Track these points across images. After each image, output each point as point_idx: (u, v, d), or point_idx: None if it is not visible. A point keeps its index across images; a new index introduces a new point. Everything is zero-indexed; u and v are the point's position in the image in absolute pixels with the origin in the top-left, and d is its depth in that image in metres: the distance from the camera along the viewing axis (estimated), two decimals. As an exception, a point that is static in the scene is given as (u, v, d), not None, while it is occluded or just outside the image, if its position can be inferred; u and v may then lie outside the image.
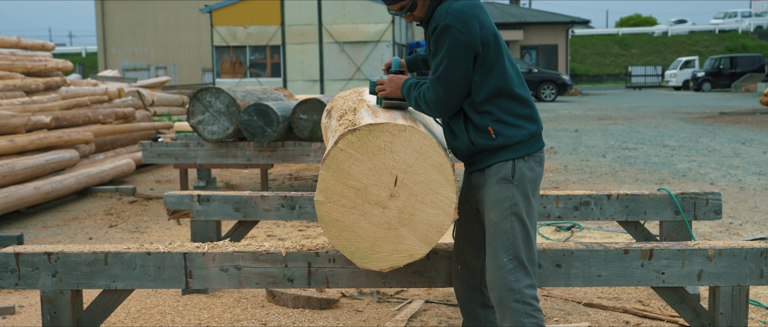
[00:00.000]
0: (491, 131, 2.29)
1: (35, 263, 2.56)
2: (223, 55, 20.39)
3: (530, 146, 2.33)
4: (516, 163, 2.29)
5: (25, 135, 6.53)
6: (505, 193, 2.28)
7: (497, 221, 2.29)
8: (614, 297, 3.65)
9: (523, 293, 2.26)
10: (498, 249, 2.28)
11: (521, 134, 2.30)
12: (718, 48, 41.20)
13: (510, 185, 2.29)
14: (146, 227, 5.58)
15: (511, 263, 2.27)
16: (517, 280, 2.26)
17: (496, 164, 2.31)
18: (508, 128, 2.30)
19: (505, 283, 2.26)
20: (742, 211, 5.76)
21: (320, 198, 2.25)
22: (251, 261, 2.57)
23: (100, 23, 28.47)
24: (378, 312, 3.45)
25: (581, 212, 3.45)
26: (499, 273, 2.27)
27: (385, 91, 2.49)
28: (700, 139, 11.32)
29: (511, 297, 2.26)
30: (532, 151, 2.32)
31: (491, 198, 2.31)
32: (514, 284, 2.26)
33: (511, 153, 2.29)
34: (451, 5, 2.29)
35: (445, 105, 2.32)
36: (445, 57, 2.26)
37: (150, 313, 3.48)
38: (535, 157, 2.33)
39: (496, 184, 2.30)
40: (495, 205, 2.29)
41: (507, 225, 2.28)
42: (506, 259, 2.27)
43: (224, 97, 5.88)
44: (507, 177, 2.29)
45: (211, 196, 3.56)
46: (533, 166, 2.32)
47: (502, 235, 2.28)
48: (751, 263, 2.54)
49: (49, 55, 8.93)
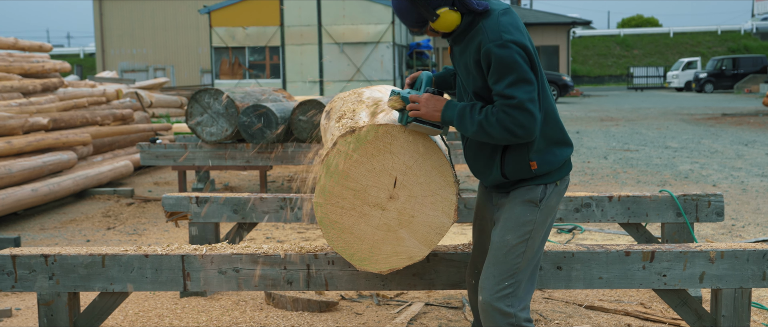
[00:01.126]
0: (533, 166, 2.14)
1: (32, 265, 2.55)
2: (222, 56, 20.37)
3: (564, 171, 2.23)
4: (547, 188, 2.18)
5: (22, 136, 6.51)
6: (528, 216, 2.17)
7: (513, 244, 2.17)
8: (616, 299, 3.63)
9: (518, 317, 2.18)
10: (503, 270, 2.17)
11: (559, 161, 2.18)
12: (720, 49, 41.11)
13: (535, 209, 2.17)
14: (144, 229, 5.55)
15: (511, 287, 2.18)
16: (512, 305, 2.18)
17: (526, 186, 2.19)
18: (549, 158, 2.16)
19: (500, 306, 2.17)
20: (744, 213, 5.74)
21: (319, 200, 2.23)
22: (250, 263, 2.55)
23: (98, 24, 28.46)
24: (378, 315, 3.43)
25: (582, 214, 3.43)
26: (495, 295, 2.17)
27: (420, 111, 2.18)
28: (703, 140, 11.31)
29: (505, 321, 2.17)
30: (564, 175, 2.22)
31: (513, 218, 2.18)
32: (510, 309, 2.17)
33: (544, 179, 2.18)
34: (500, 20, 2.09)
35: (531, 130, 2.04)
36: (511, 72, 2.02)
37: (148, 315, 3.46)
38: (564, 180, 2.24)
39: (521, 205, 2.18)
40: (515, 227, 2.17)
41: (520, 249, 2.17)
42: (507, 283, 2.18)
43: (223, 98, 5.85)
44: (534, 200, 2.17)
45: (209, 197, 3.54)
46: (561, 191, 2.23)
47: (513, 258, 2.17)
48: (754, 265, 2.52)
49: (46, 56, 8.90)
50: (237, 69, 20.46)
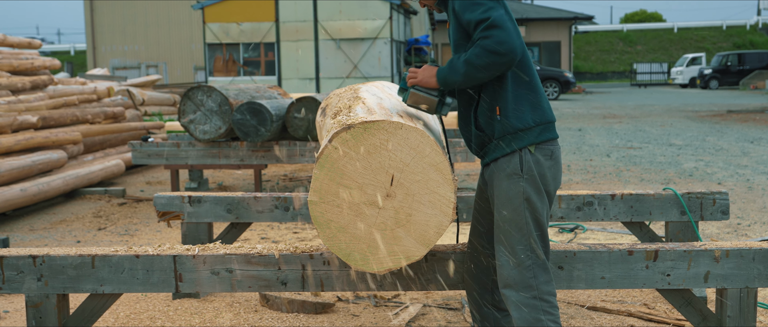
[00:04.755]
0: (497, 111, 2.20)
1: (20, 267, 2.50)
2: (215, 53, 20.26)
3: (540, 137, 2.23)
4: (522, 156, 2.21)
5: (10, 135, 6.42)
6: (516, 188, 2.20)
7: (511, 217, 2.20)
8: (618, 300, 3.58)
9: (541, 290, 2.20)
10: (514, 245, 2.20)
11: (526, 121, 2.21)
12: (725, 44, 40.86)
13: (519, 179, 2.20)
14: (136, 230, 5.48)
15: (530, 259, 2.20)
16: (535, 276, 2.20)
17: (503, 158, 2.23)
18: (514, 111, 2.20)
19: (522, 280, 2.20)
20: (750, 211, 5.69)
21: (314, 198, 2.18)
22: (243, 263, 2.50)
23: (89, 20, 28.27)
24: (375, 316, 3.37)
25: (584, 213, 3.39)
26: (515, 270, 2.20)
27: (417, 78, 2.30)
28: (707, 137, 11.24)
29: (529, 294, 2.20)
30: (538, 142, 2.22)
31: (503, 194, 2.22)
32: (532, 281, 2.20)
33: (515, 142, 2.20)
34: None
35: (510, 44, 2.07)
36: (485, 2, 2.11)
37: (139, 317, 3.39)
38: (542, 149, 2.23)
39: (507, 179, 2.21)
40: (507, 201, 2.21)
41: (521, 220, 2.20)
42: (524, 256, 2.20)
43: (216, 95, 5.78)
44: (516, 171, 2.20)
45: (202, 197, 3.48)
46: (540, 160, 2.22)
47: (517, 231, 2.20)
48: (760, 264, 2.48)
49: (36, 53, 8.79)
50: (231, 66, 20.36)
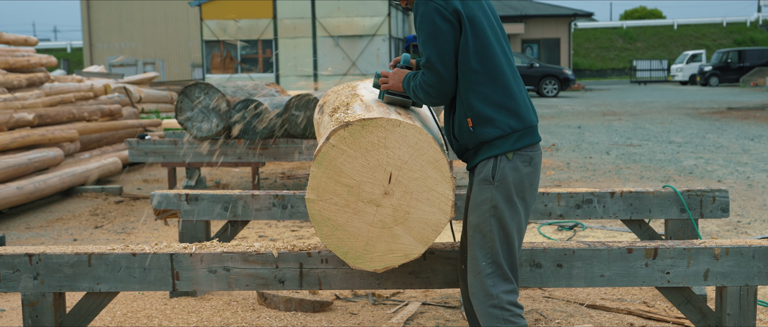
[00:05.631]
0: (470, 123, 2.19)
1: (16, 265, 2.48)
2: (213, 50, 20.20)
3: (518, 144, 2.19)
4: (498, 163, 2.18)
5: (6, 133, 6.38)
6: (485, 194, 2.20)
7: (476, 224, 2.21)
8: (618, 298, 3.57)
9: (501, 299, 2.18)
10: (476, 253, 2.20)
11: (501, 127, 2.17)
12: (725, 41, 40.65)
13: (490, 186, 2.19)
14: (133, 228, 5.46)
15: (490, 267, 2.20)
16: (495, 285, 2.19)
17: (480, 163, 2.23)
18: (486, 118, 2.17)
19: (482, 288, 2.20)
20: (750, 208, 5.68)
21: (312, 196, 2.16)
22: (241, 262, 2.49)
23: (85, 18, 28.18)
24: (373, 315, 3.36)
25: (584, 210, 3.38)
26: (476, 278, 2.21)
27: (388, 84, 2.38)
28: (708, 135, 11.22)
29: (488, 302, 2.19)
30: (516, 148, 2.19)
31: (473, 199, 2.23)
32: (492, 289, 2.19)
33: (491, 149, 2.18)
34: None
35: (439, 88, 2.18)
36: (426, 32, 2.14)
37: (136, 316, 3.38)
38: (521, 155, 2.20)
39: (478, 184, 2.22)
40: (476, 207, 2.21)
41: (486, 228, 2.19)
42: (485, 263, 2.20)
43: (214, 92, 5.75)
44: (487, 178, 2.20)
45: (199, 195, 3.46)
46: (518, 166, 2.19)
47: (480, 239, 2.20)
48: (760, 262, 2.47)
49: (32, 50, 8.74)
50: (229, 63, 20.30)
